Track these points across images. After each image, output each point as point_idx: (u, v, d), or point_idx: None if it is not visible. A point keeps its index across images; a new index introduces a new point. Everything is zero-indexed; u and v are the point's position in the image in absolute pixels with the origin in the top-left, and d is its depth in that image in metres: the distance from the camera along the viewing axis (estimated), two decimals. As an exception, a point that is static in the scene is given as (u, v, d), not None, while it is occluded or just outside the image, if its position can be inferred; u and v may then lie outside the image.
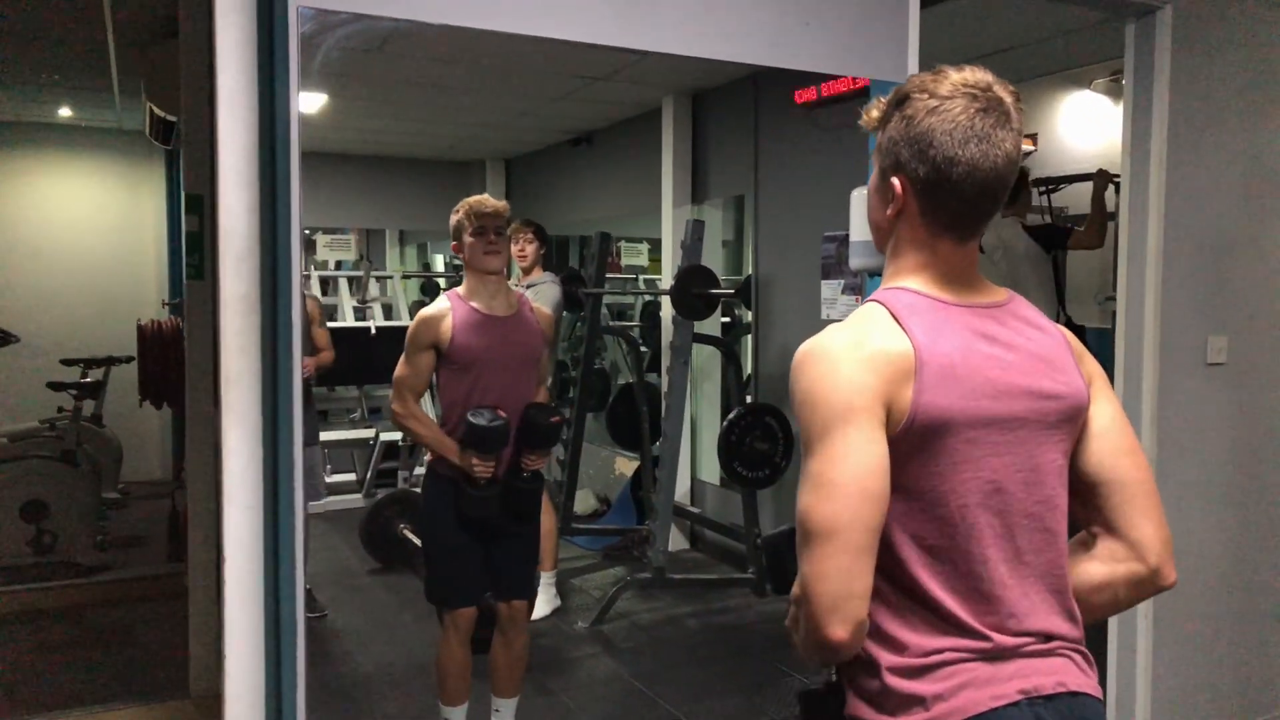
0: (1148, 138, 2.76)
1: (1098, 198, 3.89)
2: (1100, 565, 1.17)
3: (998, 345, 1.13)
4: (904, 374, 1.06)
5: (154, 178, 7.04)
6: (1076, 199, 4.59)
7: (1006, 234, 3.93)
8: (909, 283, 1.16)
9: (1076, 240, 3.89)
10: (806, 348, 1.11)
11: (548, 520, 3.95)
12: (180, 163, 4.39)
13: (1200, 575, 2.93)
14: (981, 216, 1.14)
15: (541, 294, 3.93)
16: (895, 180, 1.14)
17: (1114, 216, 4.11)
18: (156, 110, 4.65)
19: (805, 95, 4.00)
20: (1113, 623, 2.86)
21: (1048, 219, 4.65)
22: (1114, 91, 4.85)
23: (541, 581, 4.19)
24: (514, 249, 4.12)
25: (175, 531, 4.53)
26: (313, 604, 4.10)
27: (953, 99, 1.10)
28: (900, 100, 1.14)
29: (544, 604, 4.14)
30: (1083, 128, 4.87)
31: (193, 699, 3.30)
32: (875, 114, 1.19)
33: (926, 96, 1.11)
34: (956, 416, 1.07)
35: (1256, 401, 3.02)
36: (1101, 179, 3.92)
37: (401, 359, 2.69)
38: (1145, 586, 1.17)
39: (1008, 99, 1.12)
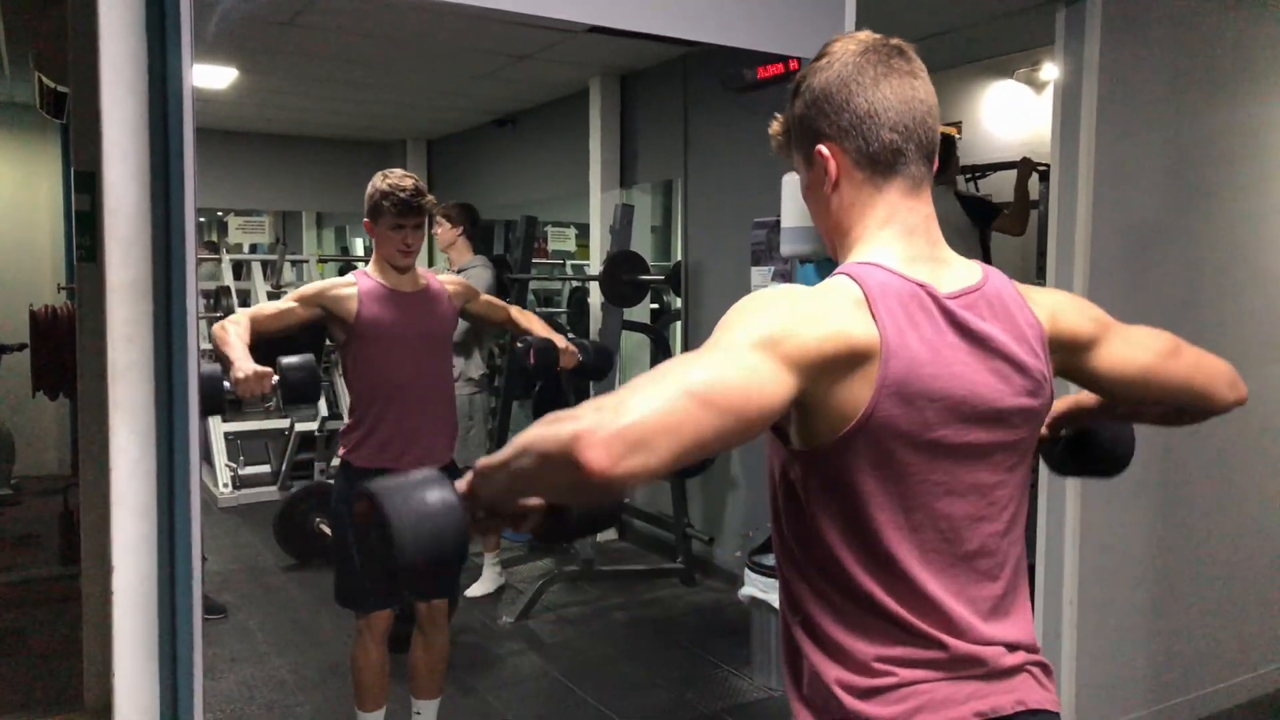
0: (1077, 125, 2.76)
1: (1021, 185, 3.91)
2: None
3: (974, 342, 1.03)
4: (859, 365, 0.96)
5: (48, 154, 6.63)
6: (1000, 186, 4.63)
7: (940, 205, 3.92)
8: (876, 253, 1.05)
9: (1000, 224, 3.88)
10: (757, 291, 1.00)
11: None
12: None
13: (1124, 566, 2.97)
14: (920, 148, 1.08)
15: (473, 278, 3.81)
16: (821, 147, 1.09)
17: (1036, 205, 4.16)
18: (46, 81, 4.36)
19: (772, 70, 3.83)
20: (1038, 613, 2.88)
21: (973, 206, 4.70)
22: (1035, 81, 4.92)
23: (486, 562, 4.30)
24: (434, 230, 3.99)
25: (68, 531, 4.26)
26: (212, 606, 3.91)
27: (842, 51, 1.08)
28: (795, 88, 1.12)
29: (489, 582, 4.26)
30: (1005, 117, 4.92)
31: (86, 710, 3.10)
32: (777, 125, 1.16)
33: (814, 63, 1.10)
34: (918, 431, 0.99)
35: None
36: (1026, 167, 3.94)
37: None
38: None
39: (896, 41, 1.10)
